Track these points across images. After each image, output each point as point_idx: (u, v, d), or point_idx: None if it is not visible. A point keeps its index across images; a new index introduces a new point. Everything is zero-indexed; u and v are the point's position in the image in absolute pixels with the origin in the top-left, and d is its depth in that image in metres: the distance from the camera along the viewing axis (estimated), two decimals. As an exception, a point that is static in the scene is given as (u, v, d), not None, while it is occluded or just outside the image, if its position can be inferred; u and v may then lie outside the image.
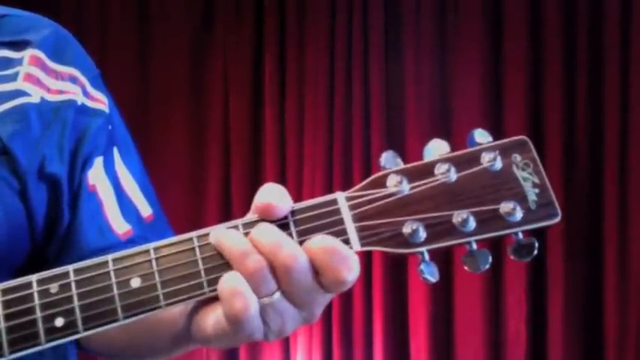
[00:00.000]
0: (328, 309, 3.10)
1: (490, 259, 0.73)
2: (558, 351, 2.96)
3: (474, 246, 0.73)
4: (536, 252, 0.73)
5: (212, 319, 0.73)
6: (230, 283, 0.71)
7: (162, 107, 3.47)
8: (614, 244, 2.95)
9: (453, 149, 0.75)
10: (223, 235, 0.73)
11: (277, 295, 0.71)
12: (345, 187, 0.75)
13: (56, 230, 0.91)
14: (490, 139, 0.75)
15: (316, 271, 0.71)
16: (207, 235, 0.73)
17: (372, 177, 0.74)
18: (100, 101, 0.97)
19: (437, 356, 3.08)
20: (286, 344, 3.20)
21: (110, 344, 0.95)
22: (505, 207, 0.72)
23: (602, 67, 3.02)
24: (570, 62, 3.05)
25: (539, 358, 3.01)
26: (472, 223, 0.72)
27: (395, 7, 3.21)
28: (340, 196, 0.74)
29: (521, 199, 0.72)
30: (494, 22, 3.13)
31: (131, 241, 0.93)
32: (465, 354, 3.07)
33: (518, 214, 0.72)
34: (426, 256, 0.72)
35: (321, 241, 0.71)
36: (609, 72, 3.00)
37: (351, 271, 0.71)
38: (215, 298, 0.73)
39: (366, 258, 3.06)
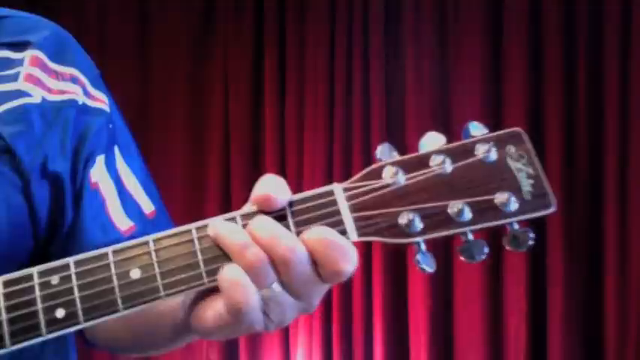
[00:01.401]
0: (328, 305, 3.11)
1: (486, 249, 0.73)
2: (558, 347, 2.96)
3: (470, 236, 0.73)
4: (531, 242, 0.73)
5: (212, 310, 0.74)
6: (230, 274, 0.72)
7: (162, 107, 3.48)
8: (614, 241, 2.95)
9: (446, 141, 0.76)
10: (221, 228, 0.73)
11: (276, 286, 0.72)
12: (345, 186, 0.76)
13: (59, 228, 0.92)
14: (485, 131, 0.76)
15: (315, 262, 0.72)
16: (205, 226, 0.74)
17: (368, 168, 0.75)
18: (101, 101, 0.98)
19: (437, 352, 3.08)
20: (286, 340, 3.21)
21: (113, 338, 0.97)
22: (500, 197, 0.73)
23: (603, 65, 3.02)
24: (570, 60, 3.05)
25: (539, 355, 3.01)
26: (467, 214, 0.72)
27: (395, 6, 3.22)
28: (337, 188, 0.75)
29: (515, 189, 0.73)
30: (494, 20, 3.14)
31: (134, 237, 0.94)
32: (465, 350, 3.07)
33: (513, 205, 0.73)
34: (423, 247, 0.73)
35: (319, 233, 0.72)
36: (609, 69, 3.00)
37: (349, 263, 0.72)
38: (215, 291, 0.74)
39: (365, 253, 3.06)
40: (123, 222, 0.96)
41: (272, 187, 0.74)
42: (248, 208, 0.75)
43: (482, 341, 3.05)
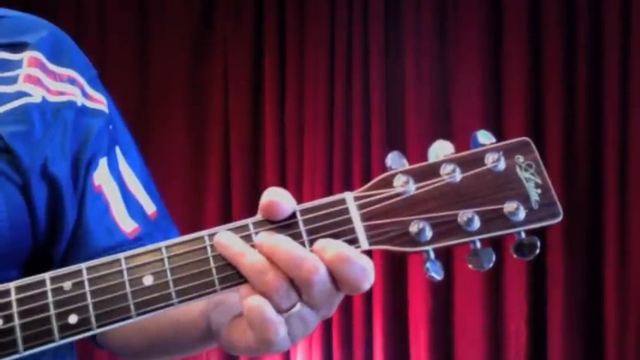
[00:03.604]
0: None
1: (494, 257, 0.74)
2: (558, 349, 2.97)
3: (478, 245, 0.74)
4: (538, 251, 0.74)
5: (243, 341, 0.75)
6: (258, 310, 0.71)
7: (162, 107, 3.48)
8: (615, 242, 2.95)
9: (454, 149, 0.77)
10: (236, 250, 0.73)
11: (299, 306, 0.73)
12: (345, 187, 0.77)
13: (59, 230, 0.92)
14: (493, 140, 0.77)
15: (333, 278, 0.72)
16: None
17: (379, 177, 0.76)
18: (100, 101, 0.98)
19: (437, 355, 3.08)
20: (286, 344, 3.21)
21: (127, 345, 0.97)
22: (509, 207, 0.74)
23: (603, 62, 3.02)
24: (570, 57, 3.05)
25: (539, 357, 3.01)
26: (477, 223, 0.73)
27: (395, 6, 3.22)
28: (348, 196, 0.75)
29: (524, 199, 0.74)
30: (494, 20, 3.14)
31: (139, 239, 0.95)
32: (465, 353, 3.07)
33: (522, 214, 0.74)
34: (432, 255, 0.74)
35: (338, 252, 0.72)
36: (609, 70, 3.00)
37: (367, 281, 0.72)
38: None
39: (366, 253, 3.05)
40: (127, 224, 0.96)
41: (277, 194, 0.74)
42: (259, 217, 0.75)
43: (482, 341, 3.05)
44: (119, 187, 0.97)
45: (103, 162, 0.95)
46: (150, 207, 0.99)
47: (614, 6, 3.01)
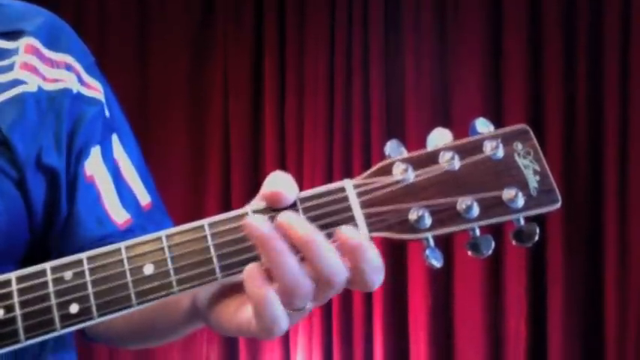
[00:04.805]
0: (328, 303, 3.10)
1: (493, 244, 0.74)
2: (558, 347, 2.97)
3: (477, 232, 0.74)
4: (537, 238, 0.74)
5: (232, 319, 0.75)
6: (270, 307, 0.71)
7: (162, 107, 3.48)
8: (615, 238, 2.95)
9: (453, 137, 0.77)
10: (264, 231, 0.71)
11: (310, 304, 0.73)
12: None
13: (54, 221, 0.92)
14: (492, 128, 0.77)
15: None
16: (218, 222, 0.75)
17: (378, 165, 0.76)
18: (96, 89, 0.97)
19: (437, 353, 3.09)
20: (286, 341, 3.21)
21: (110, 329, 0.95)
22: (507, 194, 0.74)
23: (603, 65, 3.02)
24: (570, 55, 3.06)
25: (539, 354, 3.01)
26: (476, 210, 0.73)
27: (395, 6, 3.22)
28: (348, 184, 0.75)
29: (522, 186, 0.74)
30: (494, 20, 3.15)
31: (130, 231, 0.94)
32: (465, 350, 3.08)
33: (520, 201, 0.74)
34: (431, 242, 0.74)
35: (363, 254, 0.72)
36: (609, 70, 3.01)
37: (380, 282, 0.74)
38: (234, 290, 0.75)
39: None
40: (119, 214, 0.95)
41: (282, 183, 0.73)
42: (256, 204, 0.75)
43: (482, 336, 3.06)
44: (112, 177, 0.96)
45: (95, 151, 0.94)
46: (144, 198, 0.98)
47: (614, 6, 3.02)
